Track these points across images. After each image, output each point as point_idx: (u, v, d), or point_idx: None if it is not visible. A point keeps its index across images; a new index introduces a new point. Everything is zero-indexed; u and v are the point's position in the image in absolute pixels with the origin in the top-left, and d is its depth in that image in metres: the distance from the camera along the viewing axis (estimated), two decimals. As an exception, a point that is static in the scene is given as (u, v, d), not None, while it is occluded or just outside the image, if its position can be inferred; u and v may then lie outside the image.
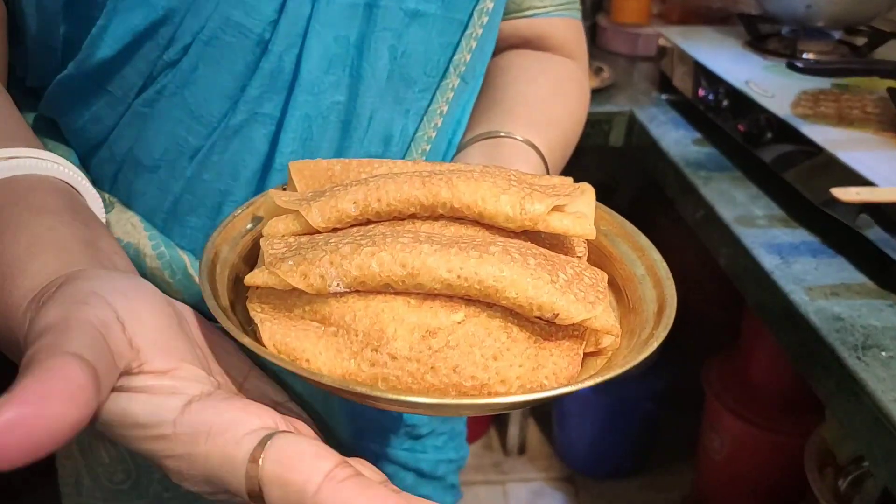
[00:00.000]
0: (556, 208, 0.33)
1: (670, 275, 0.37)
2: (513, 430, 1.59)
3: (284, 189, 0.41)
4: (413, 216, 0.34)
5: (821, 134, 0.83)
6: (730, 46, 1.15)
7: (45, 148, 0.40)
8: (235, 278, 0.36)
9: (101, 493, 0.57)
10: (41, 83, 0.47)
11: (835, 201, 0.70)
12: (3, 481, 1.48)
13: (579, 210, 0.35)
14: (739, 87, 0.96)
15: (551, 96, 0.56)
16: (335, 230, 0.34)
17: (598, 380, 0.30)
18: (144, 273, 0.46)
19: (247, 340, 0.29)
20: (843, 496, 0.93)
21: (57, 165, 0.37)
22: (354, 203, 0.34)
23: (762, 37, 1.15)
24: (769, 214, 0.85)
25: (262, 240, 0.35)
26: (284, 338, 0.30)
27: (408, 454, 0.61)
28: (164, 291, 0.46)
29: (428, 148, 0.51)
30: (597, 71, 1.29)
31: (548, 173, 0.51)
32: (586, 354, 0.34)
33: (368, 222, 0.35)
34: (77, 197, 0.38)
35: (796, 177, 0.84)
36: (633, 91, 1.26)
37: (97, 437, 0.55)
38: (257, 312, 0.32)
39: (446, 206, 0.33)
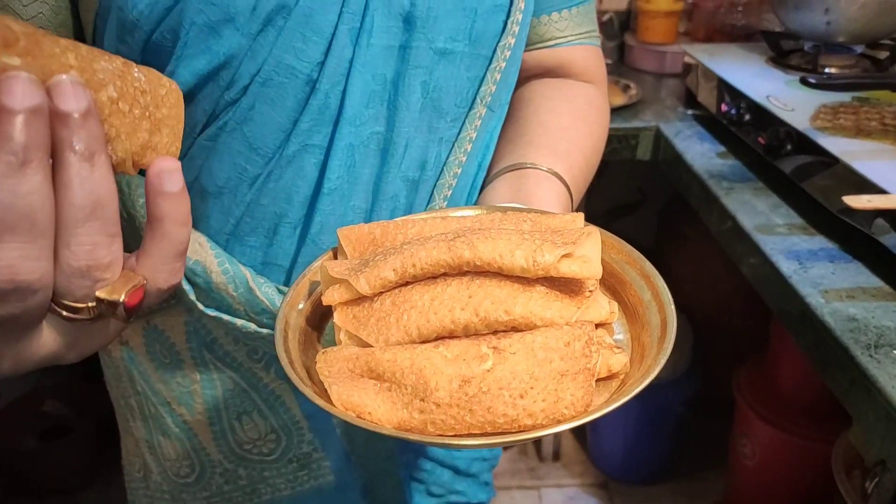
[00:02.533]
0: (567, 255, 0.39)
1: (672, 301, 0.41)
2: (547, 437, 1.63)
3: (335, 254, 0.47)
4: (444, 274, 0.40)
5: (838, 145, 0.86)
6: (753, 63, 1.19)
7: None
8: (304, 340, 0.42)
9: (167, 486, 0.63)
10: None
11: (850, 209, 0.73)
12: (59, 480, 1.57)
13: (586, 253, 0.40)
14: (760, 102, 1.00)
15: (572, 123, 0.61)
16: (381, 294, 0.41)
17: (609, 409, 0.35)
18: (211, 287, 0.52)
19: (320, 402, 0.35)
20: (871, 497, 0.94)
21: None
22: (394, 270, 0.40)
23: (785, 53, 1.18)
24: (789, 223, 0.88)
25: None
26: (349, 396, 0.36)
27: (444, 452, 0.66)
28: (229, 304, 0.52)
29: (459, 171, 0.56)
30: (624, 88, 1.33)
31: (571, 198, 0.56)
32: (601, 379, 0.39)
33: (407, 283, 0.41)
34: None
35: (814, 186, 0.87)
36: (659, 107, 1.30)
37: (164, 434, 0.61)
38: (325, 377, 0.38)
39: (470, 264, 0.39)
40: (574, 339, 0.37)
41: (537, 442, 1.67)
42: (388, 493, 0.64)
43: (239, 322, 0.52)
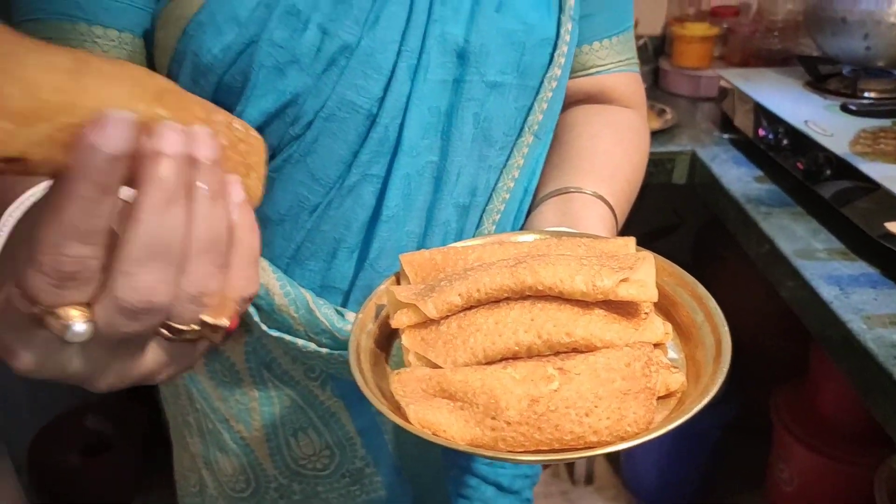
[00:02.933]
0: (623, 279, 0.41)
1: (725, 321, 0.43)
2: (580, 460, 1.63)
3: (397, 278, 0.49)
4: (507, 299, 0.42)
5: (879, 171, 0.86)
6: (790, 87, 1.20)
7: None
8: (374, 361, 0.45)
9: (223, 501, 0.65)
10: None
11: (892, 234, 0.73)
12: (101, 496, 1.61)
13: (642, 278, 0.41)
14: (799, 127, 1.01)
15: (614, 147, 0.63)
16: (446, 317, 0.43)
17: (671, 426, 0.37)
18: (273, 308, 0.54)
19: (398, 420, 0.38)
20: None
21: None
22: (459, 295, 0.42)
23: (823, 77, 1.19)
24: (829, 248, 0.88)
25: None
26: (425, 415, 0.38)
27: (489, 469, 0.68)
28: (290, 325, 0.54)
29: (507, 196, 0.59)
30: (660, 112, 1.35)
31: (615, 219, 0.57)
32: (659, 398, 0.41)
33: (471, 307, 0.43)
34: None
35: (855, 212, 0.87)
36: (695, 131, 1.31)
37: (222, 451, 0.63)
38: (401, 396, 0.40)
39: (532, 289, 0.41)
40: (634, 359, 0.39)
41: (570, 465, 1.66)
42: (436, 510, 0.65)
43: (300, 342, 0.55)
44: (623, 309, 0.42)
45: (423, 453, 0.63)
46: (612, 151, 0.62)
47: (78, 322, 0.28)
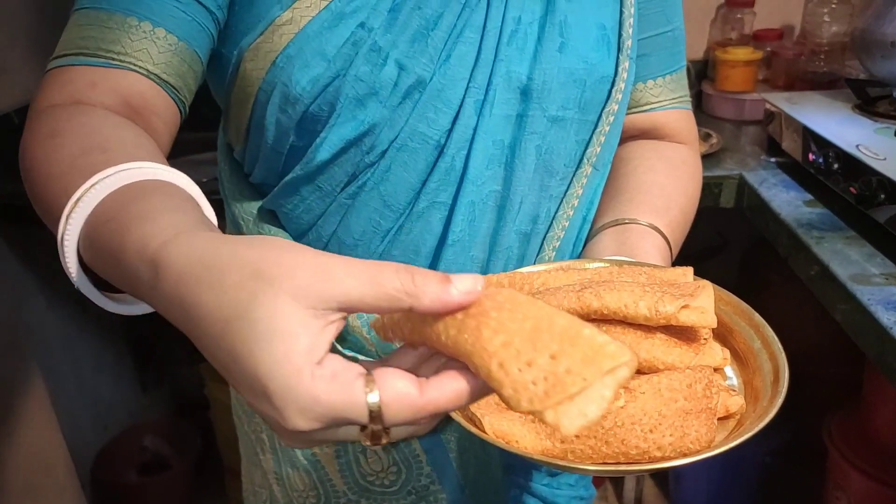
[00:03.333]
0: (684, 306, 0.43)
1: (782, 348, 0.45)
2: (629, 485, 1.62)
3: None
4: None
5: (933, 195, 0.86)
6: (838, 110, 1.20)
7: (264, 232, 0.52)
8: None
9: (293, 515, 0.68)
10: (263, 180, 0.61)
11: (949, 260, 0.73)
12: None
13: (702, 304, 0.44)
14: (850, 151, 1.01)
15: (668, 181, 0.65)
16: None
17: (733, 444, 0.39)
18: (347, 330, 0.57)
19: (475, 431, 0.40)
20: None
21: (180, 176, 0.43)
22: None
23: (871, 100, 1.19)
24: (886, 272, 0.88)
25: None
26: (499, 426, 0.41)
27: (546, 489, 0.69)
28: (363, 345, 0.57)
29: (567, 224, 0.61)
30: (705, 137, 1.36)
31: (670, 250, 0.59)
32: (719, 419, 0.43)
33: None
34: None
35: (911, 236, 0.87)
36: (741, 155, 1.31)
37: (293, 467, 0.66)
38: (476, 408, 0.42)
39: (597, 312, 0.44)
40: (695, 381, 0.41)
41: (619, 489, 1.66)
42: (499, 528, 0.67)
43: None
44: (683, 334, 0.44)
45: (484, 472, 0.65)
46: (667, 184, 0.65)
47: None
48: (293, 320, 0.30)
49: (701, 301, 0.44)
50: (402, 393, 0.31)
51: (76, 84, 0.49)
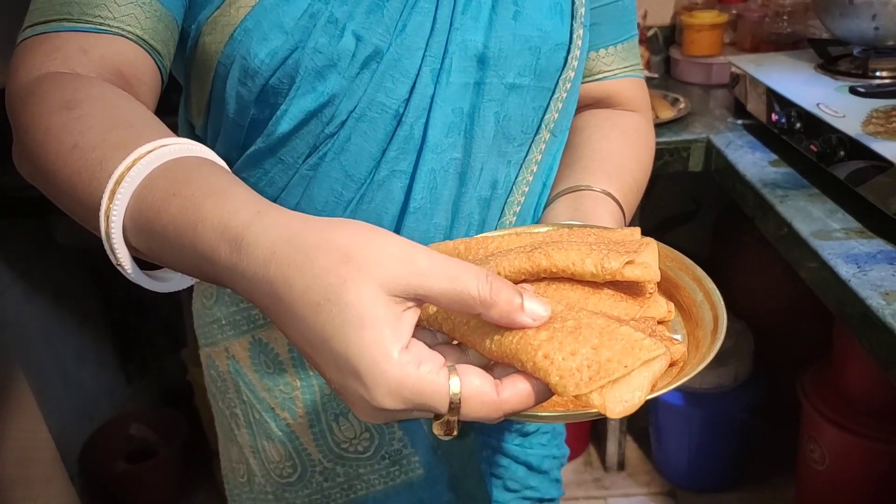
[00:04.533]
0: (629, 262, 0.44)
1: (721, 299, 0.46)
2: (611, 447, 1.65)
3: None
4: (524, 280, 0.46)
5: (891, 149, 0.88)
6: (802, 70, 1.21)
7: None
8: None
9: (271, 487, 0.69)
10: (226, 154, 0.61)
11: (905, 211, 0.75)
12: (146, 501, 1.67)
13: (646, 260, 0.45)
14: (811, 110, 1.02)
15: (621, 148, 0.66)
16: None
17: (672, 386, 0.40)
18: None
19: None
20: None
21: (206, 149, 0.44)
22: None
23: (833, 59, 1.20)
24: (846, 227, 0.90)
25: None
26: None
27: (518, 449, 0.71)
28: None
29: (527, 189, 0.62)
30: (673, 102, 1.37)
31: (623, 215, 0.61)
32: None
33: None
34: None
35: (870, 190, 0.89)
36: (709, 118, 1.33)
37: (268, 438, 0.67)
38: None
39: (547, 271, 0.45)
40: (639, 331, 0.42)
41: (602, 451, 1.69)
42: (471, 487, 0.69)
43: None
44: (629, 289, 0.46)
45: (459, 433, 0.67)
46: (620, 152, 0.66)
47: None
48: (380, 306, 0.32)
49: (645, 257, 0.46)
50: (480, 390, 0.33)
51: (65, 51, 0.48)
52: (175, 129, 0.55)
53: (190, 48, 0.56)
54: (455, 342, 0.39)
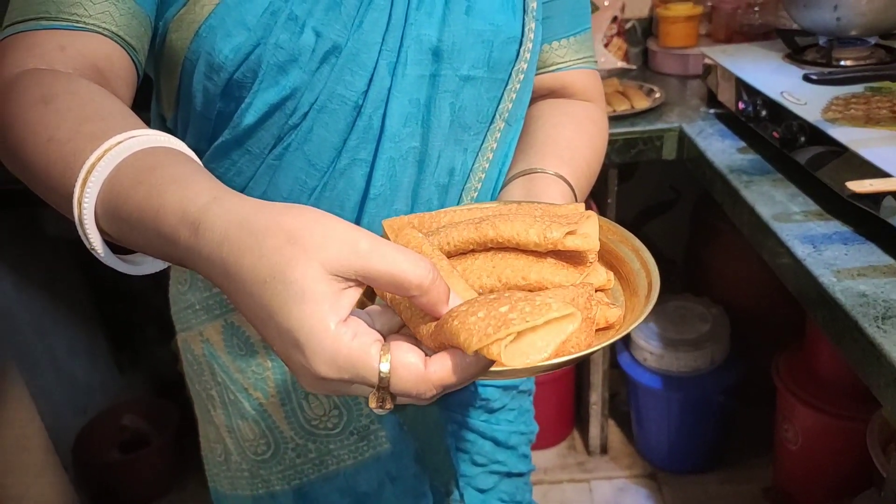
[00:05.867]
0: (570, 233, 0.47)
1: (656, 266, 0.50)
2: (594, 431, 1.69)
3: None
4: (472, 251, 0.49)
5: (846, 134, 0.91)
6: (770, 60, 1.24)
7: None
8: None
9: (246, 465, 0.73)
10: (195, 146, 0.64)
11: (855, 193, 0.78)
12: (139, 490, 1.70)
13: (586, 231, 0.48)
14: (775, 98, 1.05)
15: (574, 135, 0.69)
16: None
17: (605, 343, 0.43)
18: None
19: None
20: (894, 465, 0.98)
21: (175, 139, 0.46)
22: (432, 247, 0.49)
23: (801, 49, 1.23)
24: (805, 210, 0.93)
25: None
26: None
27: (485, 425, 0.74)
28: None
29: (483, 176, 0.65)
30: (648, 92, 1.40)
31: (575, 196, 0.64)
32: (600, 329, 0.48)
33: None
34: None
35: (827, 175, 0.92)
36: (683, 108, 1.36)
37: (242, 418, 0.70)
38: None
39: (493, 241, 0.48)
40: (578, 295, 0.45)
41: (585, 436, 1.73)
42: (438, 460, 0.72)
43: None
44: (571, 259, 0.49)
45: (423, 409, 0.70)
46: (573, 138, 0.69)
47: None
48: (321, 283, 0.35)
49: (586, 228, 0.49)
50: (408, 361, 0.36)
51: (43, 48, 0.50)
52: (149, 123, 0.58)
53: (158, 44, 0.59)
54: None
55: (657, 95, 1.38)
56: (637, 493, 1.60)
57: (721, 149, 1.15)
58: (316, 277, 0.35)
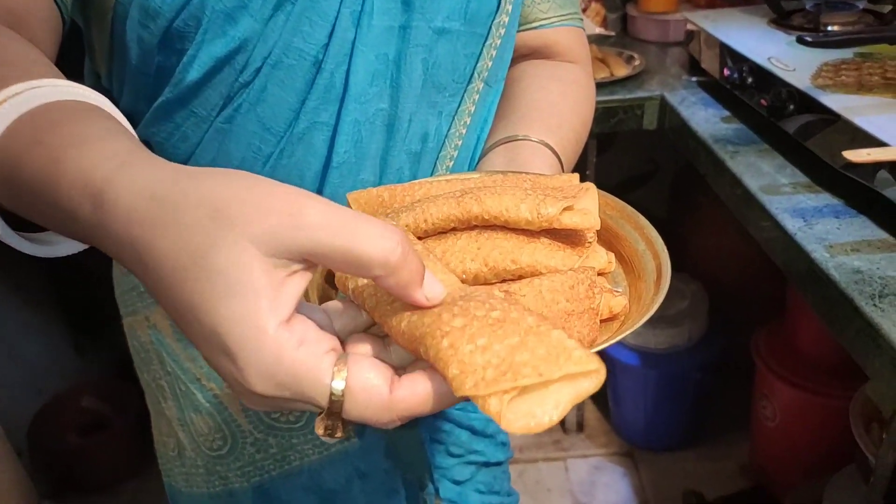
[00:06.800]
0: (567, 208, 0.41)
1: (665, 248, 0.44)
2: (570, 410, 1.66)
3: None
4: (454, 229, 0.43)
5: (839, 102, 0.87)
6: (755, 25, 1.19)
7: None
8: (322, 295, 0.45)
9: (202, 461, 0.67)
10: (133, 107, 0.57)
11: (852, 164, 0.74)
12: (101, 475, 1.64)
13: (585, 206, 0.42)
14: (762, 64, 1.01)
15: (560, 100, 0.63)
16: None
17: (613, 340, 0.38)
18: None
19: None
20: (884, 445, 0.96)
21: (90, 92, 0.39)
22: (406, 226, 0.42)
23: (787, 14, 1.18)
24: (794, 182, 0.89)
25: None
26: None
27: (461, 413, 0.69)
28: None
29: (460, 143, 0.59)
30: (628, 59, 1.34)
31: (562, 168, 0.58)
32: (603, 320, 0.42)
33: (419, 239, 0.43)
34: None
35: (818, 144, 0.88)
36: (664, 76, 1.31)
37: (196, 411, 0.64)
38: None
39: (478, 218, 0.42)
40: (578, 282, 0.40)
41: (561, 414, 1.70)
42: (410, 454, 0.67)
43: None
44: (567, 238, 0.43)
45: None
46: (559, 103, 0.63)
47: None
48: (254, 271, 0.27)
49: (584, 203, 0.43)
50: (368, 384, 0.28)
51: None
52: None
53: None
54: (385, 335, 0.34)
55: (637, 63, 1.32)
56: (613, 472, 1.58)
57: (704, 118, 1.11)
58: (247, 263, 0.27)
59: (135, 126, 0.57)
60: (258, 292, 0.27)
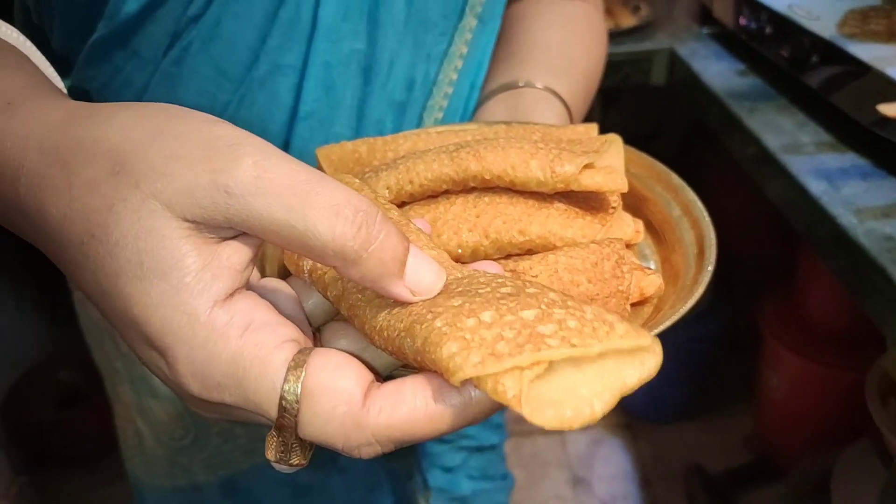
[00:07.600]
0: (587, 165, 0.33)
1: (707, 214, 0.36)
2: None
3: None
4: (446, 192, 0.35)
5: (869, 51, 0.79)
6: (772, -30, 1.10)
7: None
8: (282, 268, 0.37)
9: (162, 451, 0.60)
10: (66, 46, 0.48)
11: (884, 120, 0.67)
12: (79, 449, 1.58)
13: (609, 164, 0.34)
14: (782, 12, 0.93)
15: (568, 39, 0.55)
16: None
17: (655, 332, 0.31)
18: None
19: None
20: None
21: (8, 28, 0.32)
22: (388, 188, 0.34)
23: (807, -43, 1.10)
24: (817, 141, 0.82)
25: None
26: None
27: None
28: None
29: (451, 91, 0.51)
30: (634, 9, 1.26)
31: (570, 118, 0.50)
32: (633, 304, 0.35)
33: (403, 204, 0.35)
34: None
35: (844, 99, 0.81)
36: (673, 27, 1.22)
37: (154, 396, 0.57)
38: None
39: (477, 178, 0.34)
40: (602, 258, 0.32)
41: (557, 386, 1.65)
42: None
43: None
44: (587, 203, 0.36)
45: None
46: (567, 44, 0.55)
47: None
48: (171, 240, 0.20)
49: (608, 159, 0.35)
50: (333, 387, 0.21)
51: None
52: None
53: None
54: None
55: (644, 12, 1.24)
56: (612, 445, 1.54)
57: (718, 72, 1.03)
58: (158, 230, 0.20)
59: (70, 70, 0.49)
60: (179, 266, 0.21)
